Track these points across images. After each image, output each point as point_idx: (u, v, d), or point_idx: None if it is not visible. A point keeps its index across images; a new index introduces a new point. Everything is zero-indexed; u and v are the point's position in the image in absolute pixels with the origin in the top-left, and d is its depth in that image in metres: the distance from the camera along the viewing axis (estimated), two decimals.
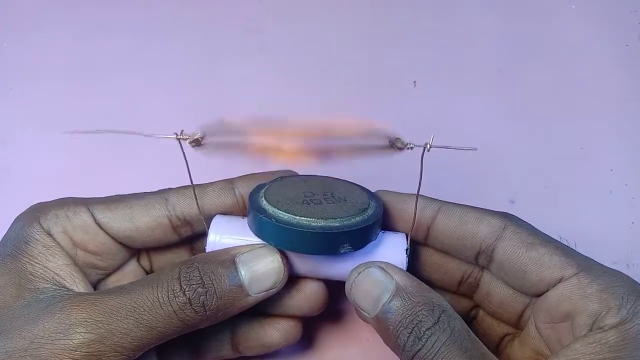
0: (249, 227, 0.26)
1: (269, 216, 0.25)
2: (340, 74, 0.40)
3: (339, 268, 0.26)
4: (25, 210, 0.27)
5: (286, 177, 0.29)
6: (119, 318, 0.22)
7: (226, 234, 0.27)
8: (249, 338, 0.28)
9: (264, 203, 0.26)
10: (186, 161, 0.26)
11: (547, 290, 0.25)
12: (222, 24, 0.42)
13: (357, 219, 0.26)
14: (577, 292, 0.24)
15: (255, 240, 0.26)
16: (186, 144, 0.25)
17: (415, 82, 0.40)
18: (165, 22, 0.42)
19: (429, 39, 0.41)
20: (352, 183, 0.29)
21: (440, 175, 0.36)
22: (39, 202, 0.27)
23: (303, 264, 0.27)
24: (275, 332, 0.28)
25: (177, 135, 0.25)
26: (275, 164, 0.29)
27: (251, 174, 0.29)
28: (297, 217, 0.25)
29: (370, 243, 0.27)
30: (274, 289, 0.25)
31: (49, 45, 0.41)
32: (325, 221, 0.25)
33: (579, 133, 0.38)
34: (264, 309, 0.28)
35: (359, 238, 0.26)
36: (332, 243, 0.25)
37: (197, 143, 0.26)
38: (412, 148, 0.24)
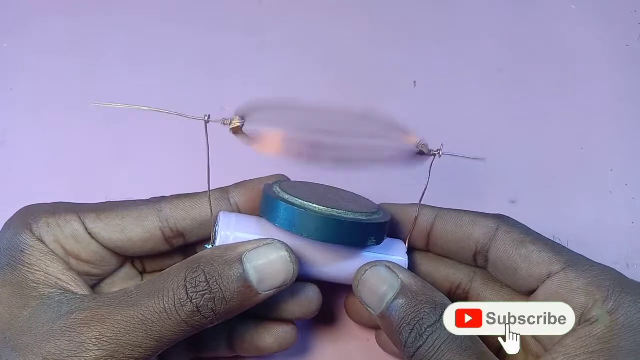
0: (262, 221, 0.26)
1: (298, 205, 0.25)
2: (340, 74, 0.40)
3: (345, 267, 0.27)
4: (14, 216, 0.26)
5: (290, 181, 0.29)
6: (129, 332, 0.22)
7: (237, 231, 0.26)
8: (245, 340, 0.28)
9: (286, 195, 0.26)
10: (208, 147, 0.25)
11: (538, 287, 0.25)
12: (222, 24, 0.41)
13: (377, 216, 0.27)
14: (564, 287, 0.24)
15: (262, 236, 0.26)
16: (226, 129, 0.24)
17: (415, 82, 0.40)
18: (164, 23, 0.42)
19: (429, 39, 0.41)
20: (349, 192, 0.30)
21: (440, 176, 0.36)
22: (26, 205, 0.27)
23: (309, 264, 0.27)
24: (270, 337, 0.28)
25: (205, 117, 0.24)
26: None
27: (244, 181, 0.29)
28: (330, 209, 0.25)
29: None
30: (285, 286, 0.25)
31: (49, 45, 0.41)
32: (354, 214, 0.25)
33: (579, 133, 0.38)
34: (258, 311, 0.28)
35: (382, 233, 0.26)
36: (363, 235, 0.25)
37: (237, 130, 0.25)
38: (423, 154, 0.25)
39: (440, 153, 0.26)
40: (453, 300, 0.30)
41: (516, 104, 0.39)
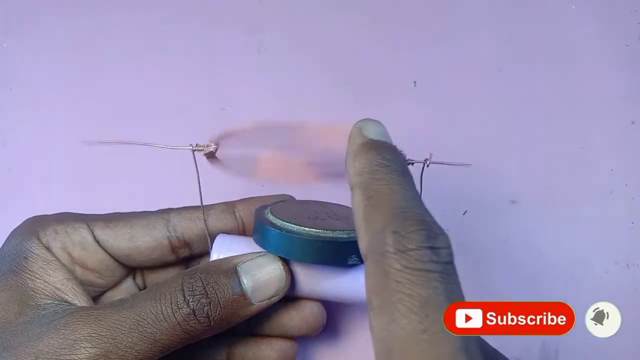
0: (254, 243, 0.27)
1: (278, 227, 0.25)
2: (340, 74, 0.40)
3: (340, 286, 0.27)
4: (22, 224, 0.26)
5: (287, 200, 0.29)
6: (123, 332, 0.22)
7: (229, 252, 0.27)
8: (246, 358, 0.28)
9: (271, 217, 0.26)
10: (197, 174, 0.26)
11: None
12: (222, 24, 0.41)
13: None
14: None
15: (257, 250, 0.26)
16: (201, 155, 0.26)
17: (415, 82, 0.40)
18: (164, 22, 0.42)
19: (428, 39, 0.41)
20: (346, 207, 0.29)
21: (439, 176, 0.36)
22: (35, 215, 0.27)
23: (305, 280, 0.27)
24: (272, 352, 0.28)
25: (192, 146, 0.25)
26: (282, 183, 0.30)
27: (251, 198, 0.29)
28: (307, 229, 0.25)
29: None
30: (277, 297, 0.25)
31: (49, 45, 0.41)
32: (333, 232, 0.25)
33: (579, 133, 0.38)
34: (263, 330, 0.28)
35: None
36: (340, 253, 0.25)
37: (211, 155, 0.26)
38: (412, 164, 0.25)
39: (428, 162, 0.26)
40: None
41: (516, 104, 0.39)
